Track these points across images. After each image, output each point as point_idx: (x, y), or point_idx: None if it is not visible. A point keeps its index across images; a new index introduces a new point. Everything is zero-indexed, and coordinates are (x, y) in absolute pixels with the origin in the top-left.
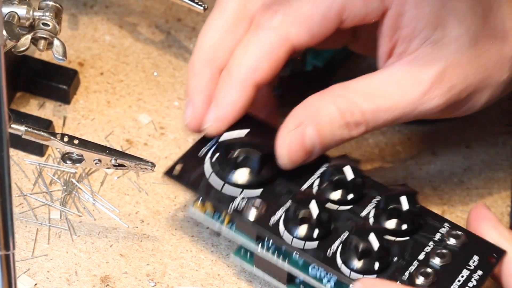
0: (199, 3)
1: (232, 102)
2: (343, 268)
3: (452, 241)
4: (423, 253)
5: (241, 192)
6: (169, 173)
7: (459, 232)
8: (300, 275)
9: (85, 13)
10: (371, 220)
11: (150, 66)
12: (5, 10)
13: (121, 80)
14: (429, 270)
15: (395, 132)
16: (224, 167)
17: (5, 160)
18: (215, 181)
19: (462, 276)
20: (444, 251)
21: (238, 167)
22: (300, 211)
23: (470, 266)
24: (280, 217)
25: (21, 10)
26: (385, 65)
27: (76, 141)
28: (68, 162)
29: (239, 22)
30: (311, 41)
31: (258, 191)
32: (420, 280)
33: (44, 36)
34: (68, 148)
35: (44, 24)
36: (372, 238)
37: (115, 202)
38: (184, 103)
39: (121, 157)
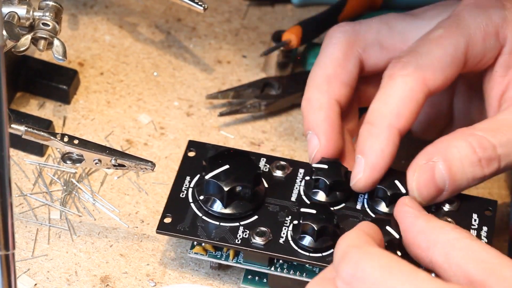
0: (199, 3)
1: (381, 150)
2: None
3: (448, 207)
4: None
5: (239, 223)
6: (161, 228)
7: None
8: None
9: (85, 13)
10: (368, 211)
11: (150, 66)
12: (5, 10)
13: (121, 80)
14: None
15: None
16: (217, 205)
17: (5, 160)
18: (210, 220)
19: None
20: (448, 219)
21: (233, 201)
22: (308, 225)
23: (474, 225)
24: (288, 235)
25: (21, 10)
26: (501, 109)
27: (76, 141)
28: (68, 162)
29: (349, 59)
30: (445, 82)
31: (254, 217)
32: None
33: (44, 36)
34: (68, 148)
35: (44, 24)
36: (389, 228)
37: (115, 202)
38: (307, 138)
39: (121, 157)
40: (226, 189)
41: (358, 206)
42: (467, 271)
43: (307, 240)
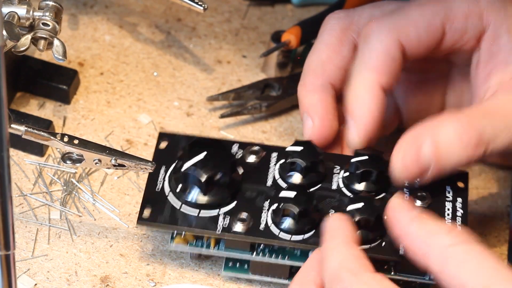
0: (199, 3)
1: (368, 108)
2: None
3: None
4: None
5: (219, 211)
6: (141, 220)
7: None
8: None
9: (85, 13)
10: (344, 190)
11: (150, 66)
12: (5, 10)
13: (121, 80)
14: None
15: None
16: (195, 194)
17: (5, 160)
18: (190, 209)
19: (448, 209)
20: (423, 193)
21: (212, 189)
22: (289, 209)
23: (449, 197)
24: (268, 220)
25: (21, 10)
26: (487, 96)
27: (76, 141)
28: (68, 162)
29: (343, 44)
30: (418, 46)
31: (233, 205)
32: None
33: (44, 36)
34: (68, 148)
35: (44, 24)
36: (366, 208)
37: (115, 202)
38: (302, 119)
39: (121, 157)
40: (204, 178)
41: (334, 186)
42: (463, 284)
43: (288, 224)
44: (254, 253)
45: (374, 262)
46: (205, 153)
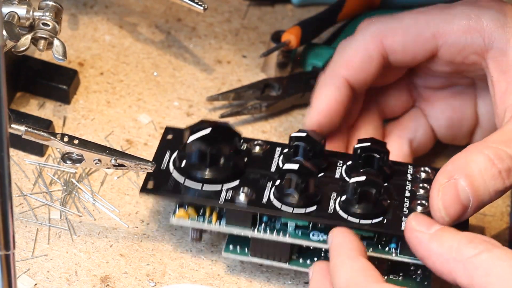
0: (199, 3)
1: (326, 96)
2: (350, 218)
3: (423, 175)
4: (407, 191)
5: (222, 186)
6: (144, 189)
7: (426, 168)
8: (304, 243)
9: (85, 13)
10: (347, 179)
11: (150, 66)
12: (5, 10)
13: (121, 80)
14: (424, 201)
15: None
16: (199, 167)
17: (5, 160)
18: (193, 183)
19: None
20: (425, 184)
21: (216, 163)
22: (291, 180)
23: None
24: (270, 194)
25: (21, 10)
26: (506, 119)
27: (76, 141)
28: (68, 162)
29: (371, 55)
30: (403, 53)
31: (236, 182)
32: (419, 210)
33: (44, 36)
34: (68, 148)
35: (44, 24)
36: (369, 184)
37: (115, 202)
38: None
39: (121, 157)
40: (208, 151)
41: (337, 175)
42: None
43: (290, 196)
44: (255, 230)
45: (376, 241)
46: (210, 128)
